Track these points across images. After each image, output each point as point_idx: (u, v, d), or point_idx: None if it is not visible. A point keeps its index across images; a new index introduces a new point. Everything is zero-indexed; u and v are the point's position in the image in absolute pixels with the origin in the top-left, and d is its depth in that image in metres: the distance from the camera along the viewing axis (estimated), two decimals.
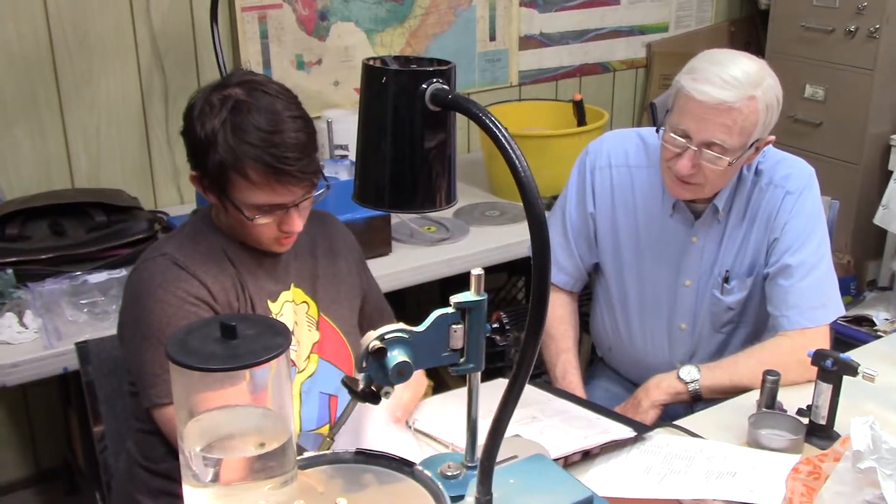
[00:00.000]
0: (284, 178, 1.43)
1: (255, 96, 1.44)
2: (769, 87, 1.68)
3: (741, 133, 1.66)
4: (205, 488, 1.00)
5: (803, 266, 1.78)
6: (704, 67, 1.67)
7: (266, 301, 1.56)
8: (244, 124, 1.42)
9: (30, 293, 2.01)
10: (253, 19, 2.66)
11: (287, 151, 1.42)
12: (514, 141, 0.92)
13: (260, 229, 1.49)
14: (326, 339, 1.62)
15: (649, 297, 1.94)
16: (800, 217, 1.80)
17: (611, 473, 1.48)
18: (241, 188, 1.44)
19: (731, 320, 1.91)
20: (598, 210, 1.94)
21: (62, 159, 2.50)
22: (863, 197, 3.27)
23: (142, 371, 1.47)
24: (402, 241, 2.42)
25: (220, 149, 1.42)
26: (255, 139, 1.41)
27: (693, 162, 1.69)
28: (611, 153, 1.93)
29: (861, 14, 3.13)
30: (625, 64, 3.56)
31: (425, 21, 2.99)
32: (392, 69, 0.99)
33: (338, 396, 1.61)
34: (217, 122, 1.42)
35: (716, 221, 1.85)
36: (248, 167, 1.42)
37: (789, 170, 1.83)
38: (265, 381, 1.00)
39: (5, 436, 2.63)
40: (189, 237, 1.56)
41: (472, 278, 1.13)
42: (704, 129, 1.66)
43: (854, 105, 3.22)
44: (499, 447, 1.05)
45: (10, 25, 2.34)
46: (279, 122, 1.43)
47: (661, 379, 1.77)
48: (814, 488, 1.37)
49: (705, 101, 1.64)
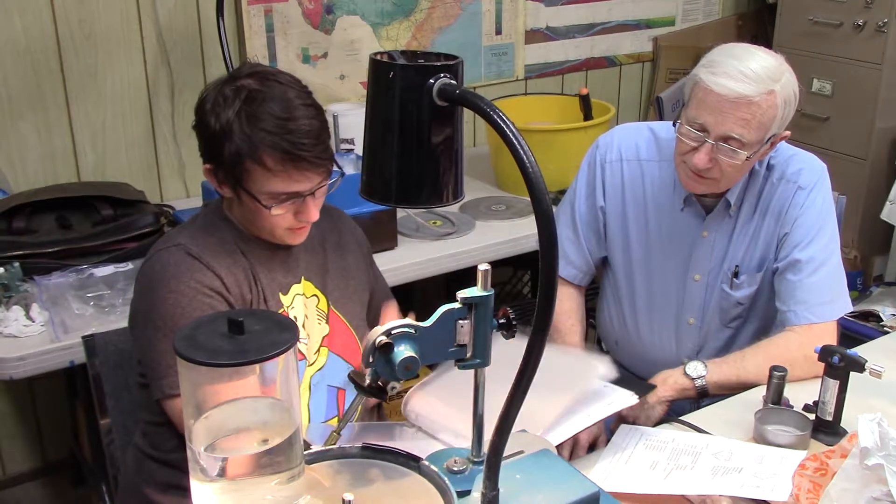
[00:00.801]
0: (301, 163, 1.44)
1: (268, 86, 1.45)
2: (787, 83, 1.67)
3: (759, 128, 1.66)
4: (212, 483, 1.00)
5: (812, 262, 1.77)
6: (723, 61, 1.66)
7: (278, 294, 1.56)
8: (259, 112, 1.43)
9: (36, 286, 2.02)
10: (259, 13, 2.66)
11: (303, 138, 1.43)
12: (522, 137, 0.92)
13: (275, 220, 1.49)
14: (336, 332, 1.63)
15: (658, 291, 1.94)
16: (811, 212, 1.79)
17: (617, 469, 1.48)
18: (258, 177, 1.45)
19: (739, 315, 1.91)
20: (608, 204, 1.94)
21: (68, 153, 2.50)
22: (870, 192, 3.26)
23: (154, 362, 1.47)
24: (408, 236, 2.42)
25: (235, 138, 1.43)
26: (270, 126, 1.42)
27: (710, 156, 1.69)
28: (622, 147, 1.93)
29: (869, 8, 3.12)
30: (631, 58, 3.54)
31: (431, 14, 2.99)
32: (399, 64, 0.99)
33: (346, 390, 1.62)
34: (231, 112, 1.43)
35: (727, 216, 1.85)
36: (264, 154, 1.43)
37: (801, 165, 1.83)
38: (273, 377, 1.00)
39: (12, 428, 2.64)
40: (202, 228, 1.56)
41: (478, 274, 1.13)
42: (723, 123, 1.65)
43: (862, 100, 3.21)
44: (506, 442, 1.05)
45: (17, 20, 2.34)
46: (293, 109, 1.44)
47: (668, 375, 1.76)
48: (821, 485, 1.36)
49: (724, 95, 1.64)
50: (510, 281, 3.17)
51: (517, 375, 1.01)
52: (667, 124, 1.89)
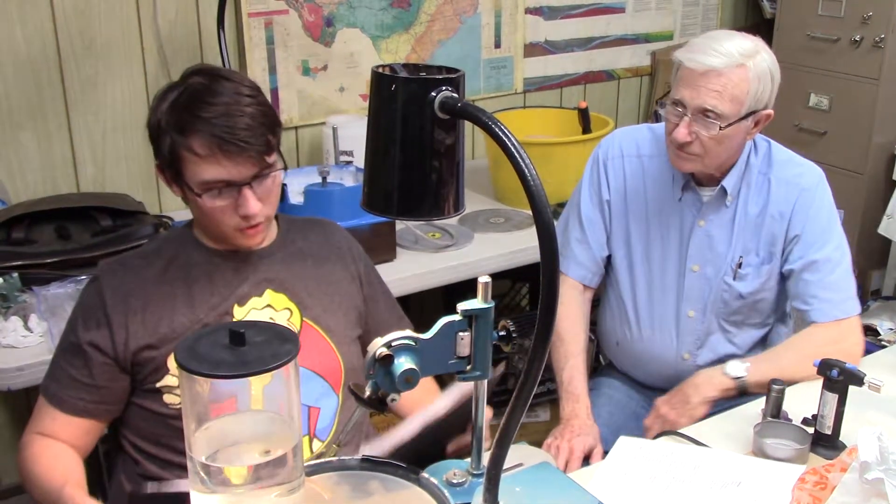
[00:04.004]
0: (227, 147, 1.41)
1: (212, 81, 1.46)
2: (762, 60, 1.76)
3: (732, 100, 1.74)
4: (212, 494, 1.00)
5: (829, 261, 1.84)
6: (700, 42, 1.79)
7: (233, 305, 1.54)
8: (191, 102, 1.43)
9: (35, 297, 2.01)
10: (259, 25, 2.67)
11: (230, 121, 1.41)
12: (524, 150, 0.92)
13: (219, 215, 1.47)
14: (309, 347, 1.56)
15: (657, 282, 1.97)
16: (820, 214, 1.86)
17: (616, 481, 1.48)
18: (190, 165, 1.44)
19: (739, 310, 1.93)
20: (612, 198, 1.99)
21: (68, 164, 2.51)
22: (867, 207, 3.27)
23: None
24: (407, 248, 2.42)
25: (168, 128, 1.44)
26: (200, 111, 1.42)
27: (689, 129, 1.77)
28: (622, 144, 2.00)
29: (866, 24, 3.14)
30: (630, 72, 3.56)
31: (431, 28, 3.00)
32: (401, 77, 1.00)
33: (319, 409, 1.56)
34: (166, 104, 1.46)
35: (723, 206, 1.89)
36: (191, 139, 1.42)
37: (799, 168, 1.89)
38: (274, 388, 1.00)
39: (10, 439, 2.63)
40: (152, 252, 1.58)
41: (479, 286, 1.13)
42: (697, 96, 1.75)
43: (859, 114, 3.22)
44: (506, 455, 1.06)
45: (18, 30, 2.35)
46: (225, 96, 1.43)
47: (710, 375, 1.80)
48: (820, 498, 1.37)
49: (695, 69, 1.75)
50: (508, 293, 3.17)
51: (518, 387, 1.01)
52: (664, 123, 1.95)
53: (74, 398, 1.50)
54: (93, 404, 1.51)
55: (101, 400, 1.52)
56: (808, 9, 3.32)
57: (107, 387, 1.51)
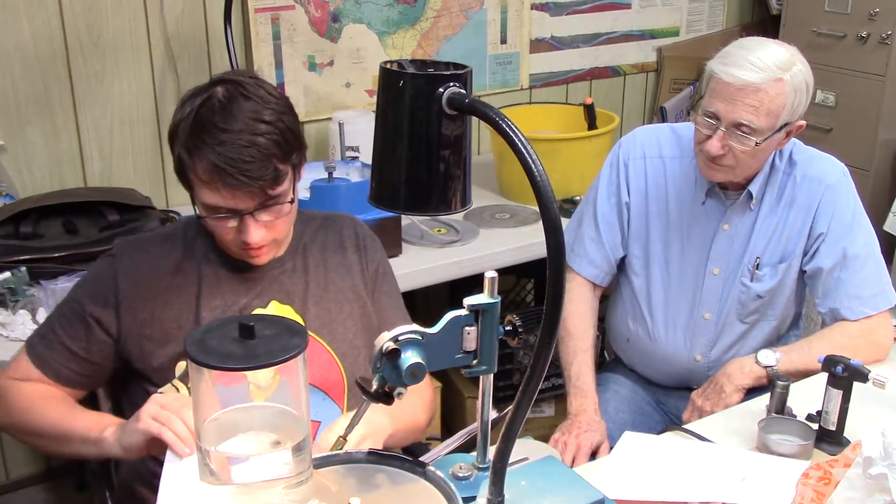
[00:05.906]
0: (228, 179, 1.36)
1: (231, 96, 1.40)
2: (798, 72, 1.72)
3: (768, 114, 1.71)
4: (221, 486, 1.00)
5: (858, 258, 1.83)
6: (734, 52, 1.73)
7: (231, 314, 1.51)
8: (205, 120, 1.38)
9: (43, 291, 2.03)
10: (266, 20, 2.67)
11: (235, 153, 1.35)
12: (531, 146, 0.93)
13: (221, 234, 1.46)
14: (310, 360, 1.52)
15: (675, 285, 1.96)
16: (846, 210, 1.85)
17: (621, 476, 1.48)
18: (195, 184, 1.42)
19: (756, 310, 1.93)
20: (632, 200, 1.98)
21: (75, 158, 2.52)
22: (873, 203, 3.26)
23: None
24: (413, 243, 2.42)
25: (179, 142, 1.42)
26: (207, 135, 1.37)
27: (722, 142, 1.74)
28: (644, 145, 1.98)
29: (873, 20, 3.13)
30: (635, 68, 3.56)
31: (437, 23, 3.00)
32: (409, 73, 1.00)
33: (319, 423, 1.51)
34: (180, 116, 1.42)
35: (748, 209, 1.88)
36: (196, 162, 1.38)
37: (823, 165, 1.88)
38: (282, 381, 1.01)
39: None
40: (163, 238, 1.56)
41: (485, 281, 1.14)
42: (732, 111, 1.71)
43: (865, 111, 3.21)
44: (512, 449, 1.06)
45: (25, 25, 2.36)
46: (238, 122, 1.37)
47: (743, 363, 1.81)
48: (824, 493, 1.37)
49: (732, 83, 1.70)
50: (514, 289, 3.17)
51: (524, 381, 1.01)
52: (686, 123, 1.96)
53: (62, 365, 1.50)
54: (79, 376, 1.51)
55: (89, 374, 1.51)
56: (815, 5, 3.31)
57: (99, 364, 1.51)
